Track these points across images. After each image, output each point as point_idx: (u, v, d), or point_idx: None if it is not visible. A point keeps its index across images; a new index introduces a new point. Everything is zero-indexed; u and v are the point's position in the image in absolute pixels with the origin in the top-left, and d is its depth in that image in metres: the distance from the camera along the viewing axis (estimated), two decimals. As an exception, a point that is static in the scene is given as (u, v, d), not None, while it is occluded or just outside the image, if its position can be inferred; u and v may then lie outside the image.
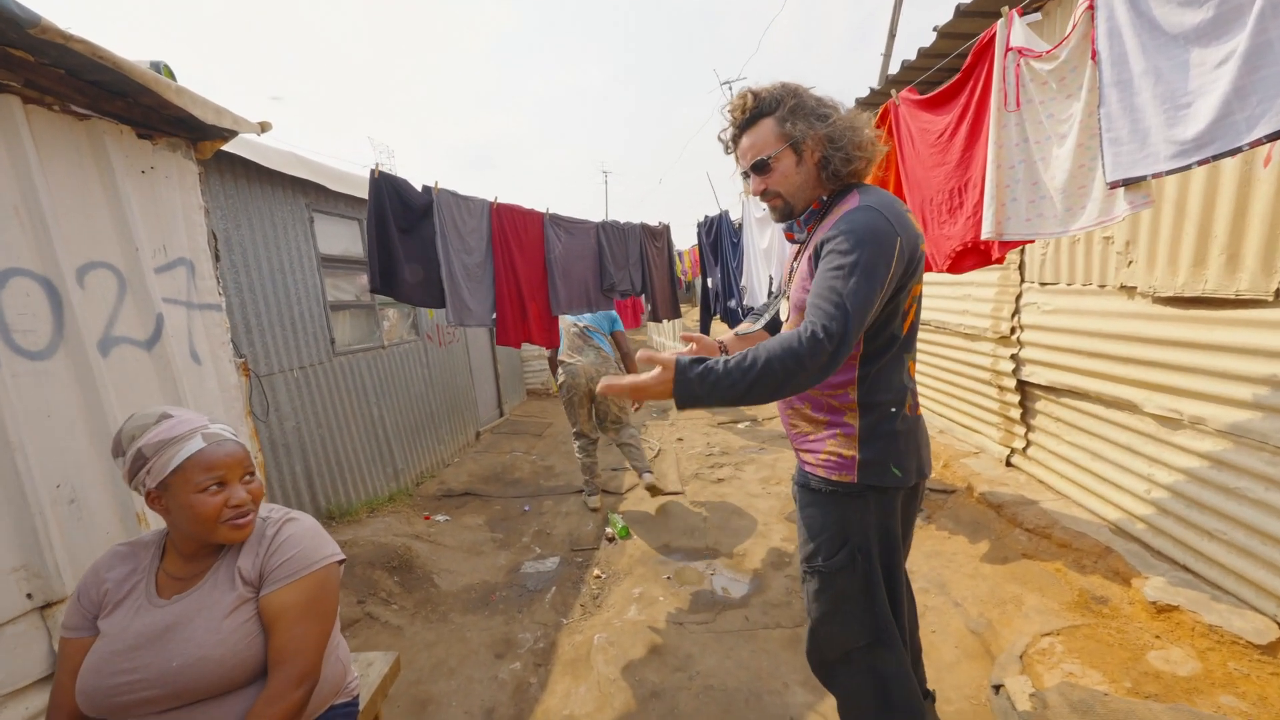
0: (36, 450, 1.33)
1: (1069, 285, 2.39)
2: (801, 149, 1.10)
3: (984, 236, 1.79)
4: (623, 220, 3.66)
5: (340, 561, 1.05)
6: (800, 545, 1.20)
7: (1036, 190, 1.68)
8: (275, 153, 3.01)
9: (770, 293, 3.69)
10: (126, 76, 1.50)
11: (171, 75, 1.72)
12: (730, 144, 1.18)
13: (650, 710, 1.67)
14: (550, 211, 3.16)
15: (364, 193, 3.58)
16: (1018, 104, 1.67)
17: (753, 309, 3.96)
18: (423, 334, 4.61)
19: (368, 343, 3.90)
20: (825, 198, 1.14)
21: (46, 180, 1.43)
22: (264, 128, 1.93)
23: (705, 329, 4.82)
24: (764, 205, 1.31)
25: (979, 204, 1.86)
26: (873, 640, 1.13)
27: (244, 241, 2.85)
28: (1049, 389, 2.54)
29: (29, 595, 1.31)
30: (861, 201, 1.04)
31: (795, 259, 1.24)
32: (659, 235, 4.09)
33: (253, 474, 1.00)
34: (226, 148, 2.64)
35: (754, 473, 3.70)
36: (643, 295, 3.85)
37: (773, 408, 5.48)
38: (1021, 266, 2.67)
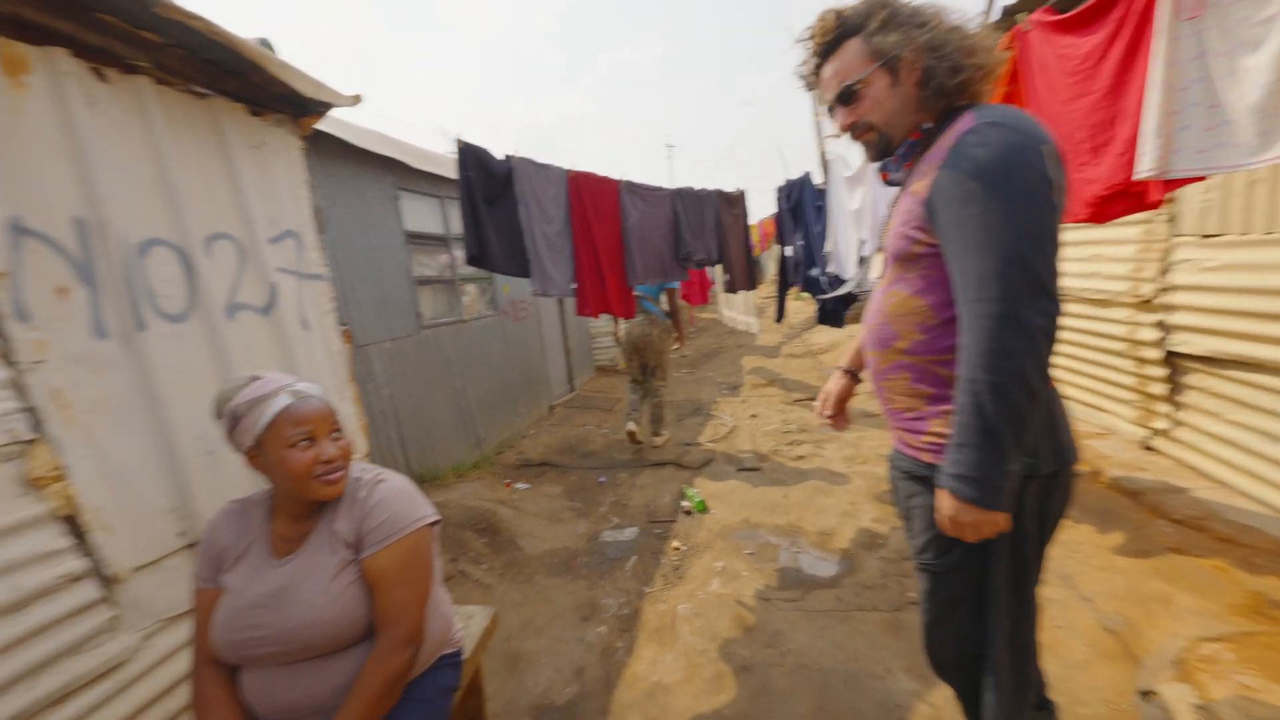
0: (180, 405, 1.46)
1: (1243, 236, 2.01)
2: (897, 66, 0.93)
3: (1141, 175, 1.53)
4: (698, 187, 3.54)
5: (434, 523, 1.06)
6: (909, 536, 1.08)
7: (1216, 115, 1.40)
8: (365, 132, 3.14)
9: (861, 259, 3.45)
10: (239, 54, 1.57)
11: (273, 51, 1.79)
12: (811, 76, 1.02)
13: (742, 684, 1.63)
14: (625, 179, 3.09)
15: (444, 171, 3.67)
16: (1198, 9, 1.39)
17: (839, 277, 3.73)
18: (499, 309, 4.74)
19: (450, 316, 4.05)
20: (928, 125, 0.95)
21: (176, 156, 1.54)
22: (356, 100, 1.98)
23: (782, 301, 4.61)
24: (853, 164, 1.15)
25: (1133, 138, 1.59)
26: (992, 650, 0.98)
27: (339, 219, 3.01)
28: (1208, 360, 2.18)
29: (180, 534, 1.46)
30: (979, 120, 0.85)
31: (894, 205, 1.07)
32: (735, 202, 3.92)
33: (340, 431, 1.02)
34: (321, 127, 2.78)
35: (836, 451, 3.53)
36: (720, 265, 3.72)
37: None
38: (1173, 217, 2.29)
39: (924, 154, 0.95)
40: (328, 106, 1.96)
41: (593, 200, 2.95)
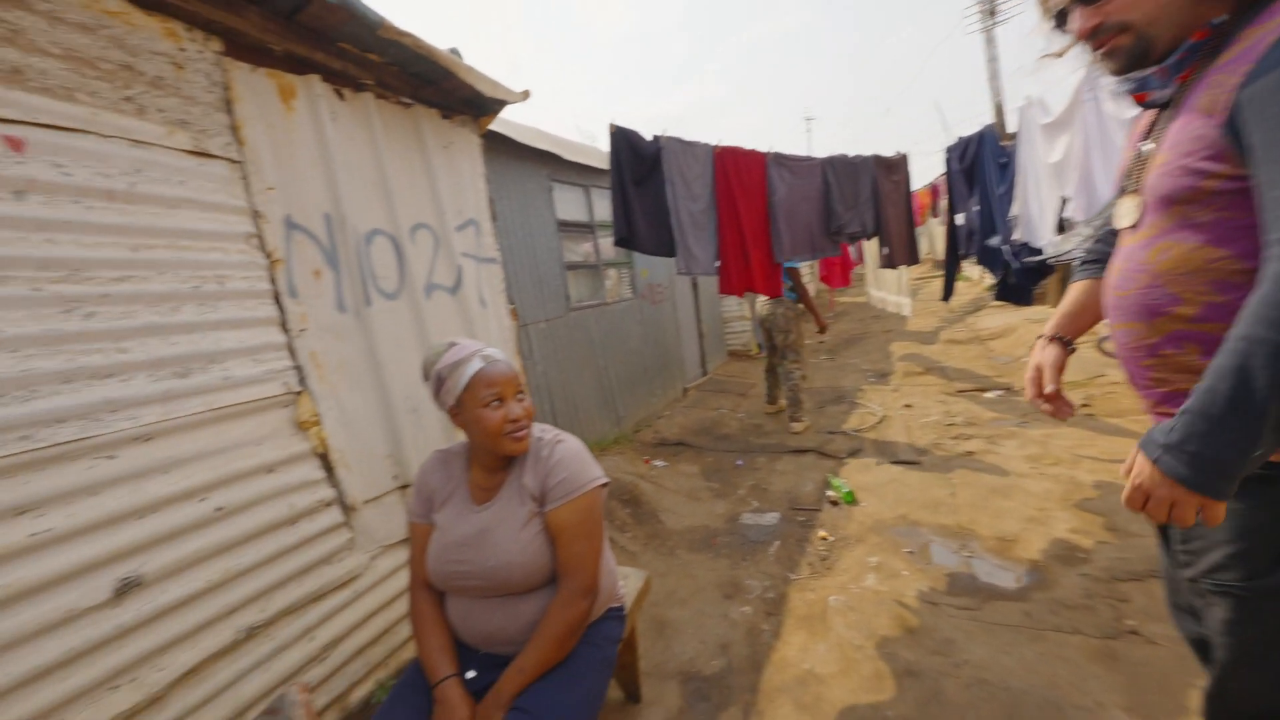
0: (392, 369, 1.74)
1: None
2: None
3: None
4: (852, 154, 3.25)
5: (604, 484, 1.11)
6: (1184, 551, 0.85)
7: None
8: (524, 129, 3.41)
9: (1062, 221, 2.89)
10: (438, 64, 1.79)
11: (461, 59, 2.01)
12: None
13: (906, 688, 1.50)
14: (774, 151, 2.96)
15: (590, 161, 3.85)
16: None
17: (1027, 245, 3.16)
18: (638, 293, 4.87)
19: (594, 300, 4.26)
20: (1220, 19, 0.73)
21: (389, 159, 1.81)
22: (525, 96, 2.15)
23: (951, 277, 4.05)
24: (1053, 108, 0.90)
25: None
26: None
27: (502, 211, 3.32)
28: None
29: (394, 477, 1.74)
30: None
31: (1148, 134, 0.85)
32: (895, 167, 3.53)
33: (524, 394, 1.11)
34: (489, 127, 3.07)
35: (1016, 449, 3.06)
36: (875, 237, 3.41)
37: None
38: None
39: (1213, 59, 0.74)
40: (502, 105, 2.16)
41: (738, 175, 2.87)
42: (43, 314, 1.06)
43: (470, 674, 1.06)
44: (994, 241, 3.37)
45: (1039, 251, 3.00)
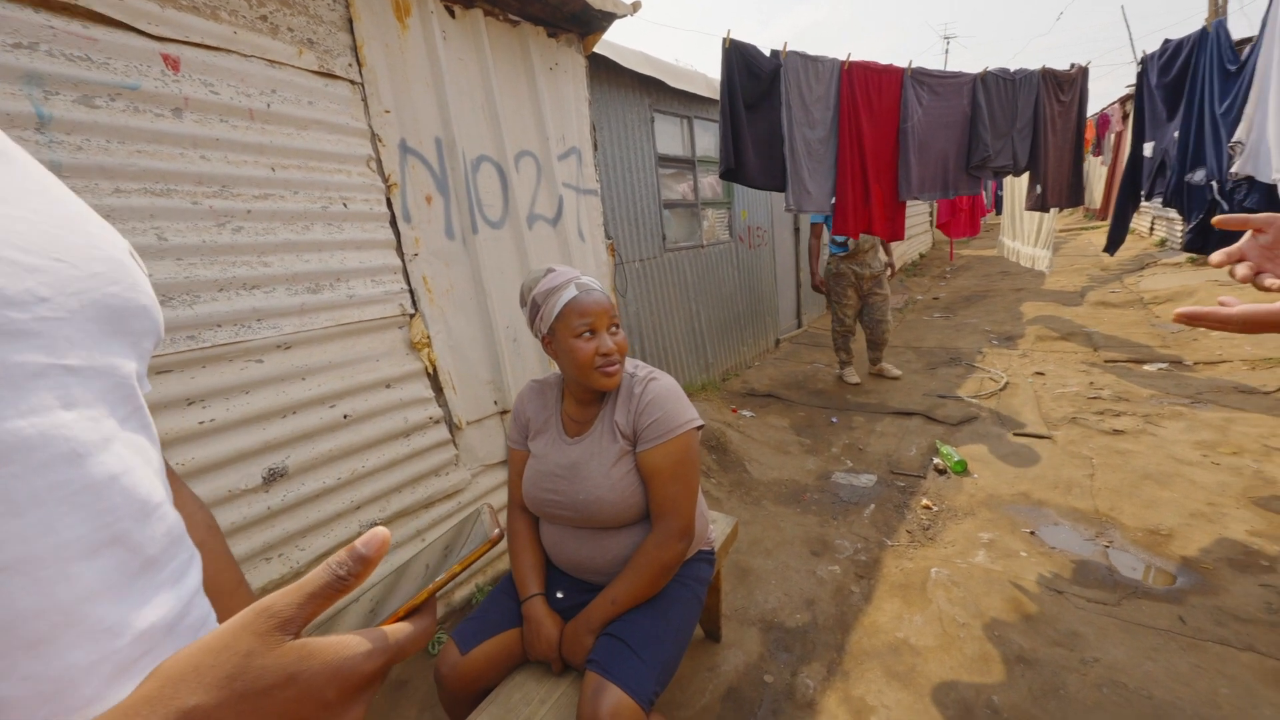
0: (495, 296, 1.78)
1: None
2: None
3: None
4: (1014, 69, 2.71)
5: (698, 427, 1.06)
6: None
7: None
8: (628, 52, 3.23)
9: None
10: (545, -29, 1.69)
11: (569, -32, 1.88)
12: None
13: (1018, 675, 1.38)
14: (914, 66, 2.55)
15: (696, 88, 3.59)
16: None
17: (1251, 180, 2.50)
18: (735, 235, 4.65)
19: (689, 241, 4.12)
20: None
21: (497, 81, 1.77)
22: (636, 8, 1.99)
23: (1123, 222, 3.33)
24: None
25: None
26: None
27: (602, 142, 3.23)
28: None
29: (495, 401, 1.83)
30: None
31: None
32: (1068, 84, 2.92)
33: (618, 327, 1.06)
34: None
35: (1182, 431, 2.60)
36: (1028, 173, 2.90)
37: (1209, 345, 3.71)
38: None
39: None
40: (610, 19, 2.02)
41: (866, 96, 2.53)
42: (200, 226, 1.16)
43: (559, 595, 1.09)
44: (1197, 177, 2.69)
45: (1265, 189, 2.38)
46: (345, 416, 1.42)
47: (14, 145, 0.33)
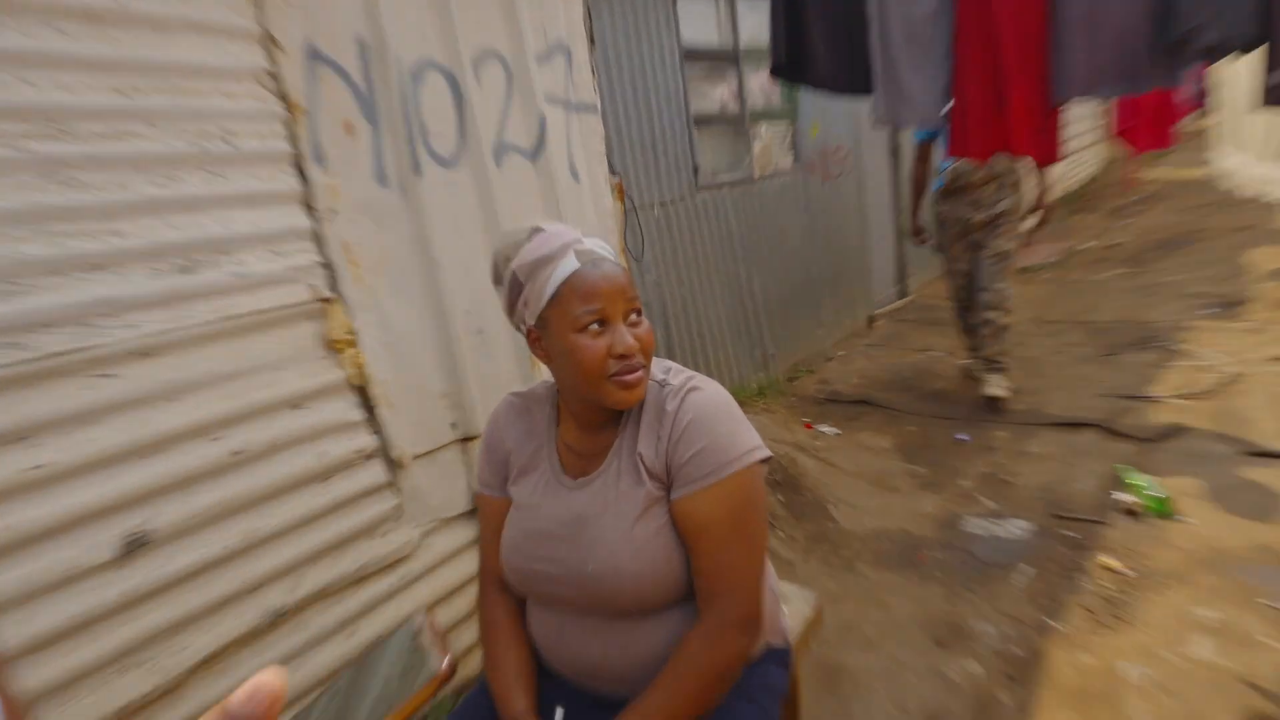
0: (451, 268, 1.80)
1: None
2: None
3: None
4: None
5: (764, 459, 1.06)
6: None
7: None
8: (635, -109, 3.22)
9: None
10: None
11: None
12: None
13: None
14: (1072, -104, 2.50)
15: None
16: None
17: None
18: (802, 161, 4.63)
19: (734, 173, 4.12)
20: None
21: (442, -56, 1.78)
22: None
23: None
24: None
25: None
26: None
27: (601, 33, 3.23)
28: None
29: (453, 424, 1.85)
30: None
31: None
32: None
33: (640, 313, 1.05)
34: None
35: None
36: (1262, 48, 2.82)
37: None
38: None
39: None
40: None
41: (1001, -54, 2.49)
42: (22, 181, 1.19)
43: (559, 713, 1.11)
44: None
45: None
46: (235, 453, 1.45)
47: None
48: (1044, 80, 2.65)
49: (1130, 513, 2.56)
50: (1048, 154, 2.82)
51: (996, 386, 3.65)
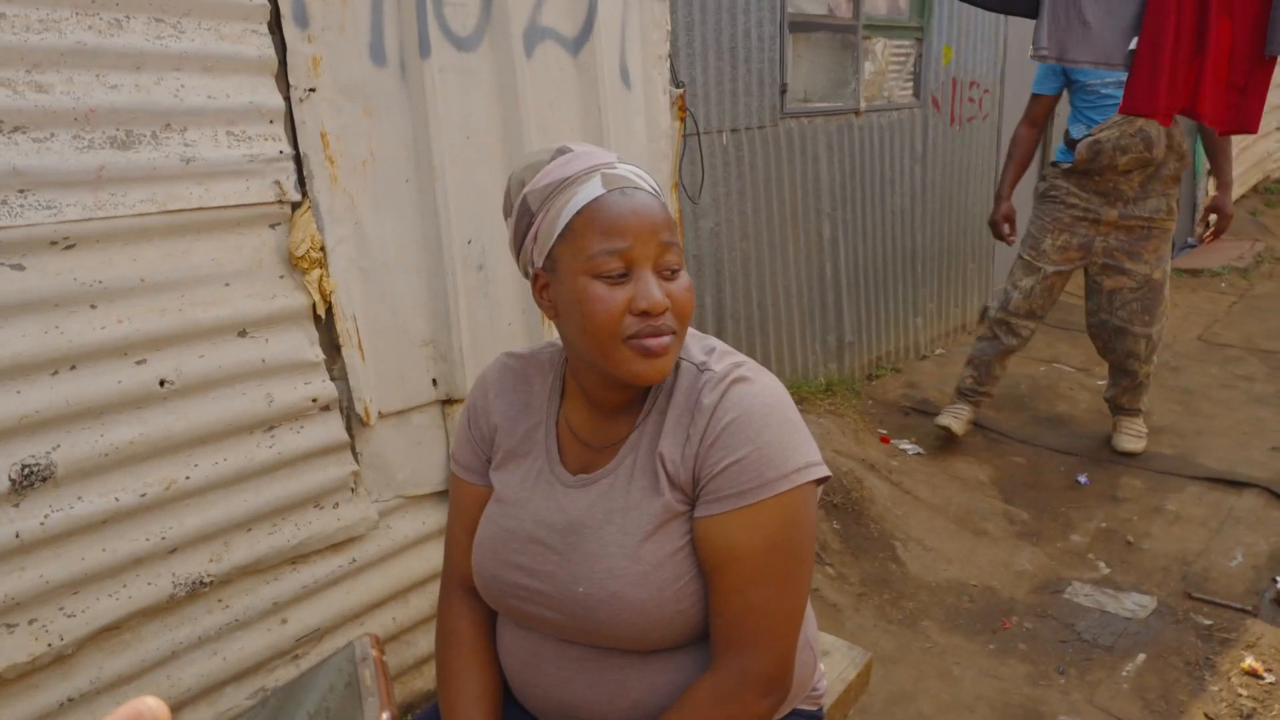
0: (455, 181, 1.80)
1: None
2: None
3: None
4: None
5: (820, 480, 1.04)
6: None
7: None
8: None
9: None
10: None
11: None
12: None
13: None
14: None
15: None
16: None
17: None
18: (926, 95, 4.55)
19: (834, 100, 4.05)
20: None
21: None
22: None
23: None
24: None
25: None
26: None
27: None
28: None
29: (434, 381, 1.87)
30: None
31: None
32: None
33: (679, 261, 1.03)
34: None
35: None
36: None
37: None
38: None
39: None
40: None
41: None
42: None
43: None
44: None
45: None
46: (163, 383, 1.47)
47: None
48: (1258, 21, 2.55)
49: (1290, 604, 2.53)
50: (1243, 120, 2.73)
51: (1134, 438, 3.60)
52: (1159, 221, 3.35)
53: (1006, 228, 3.62)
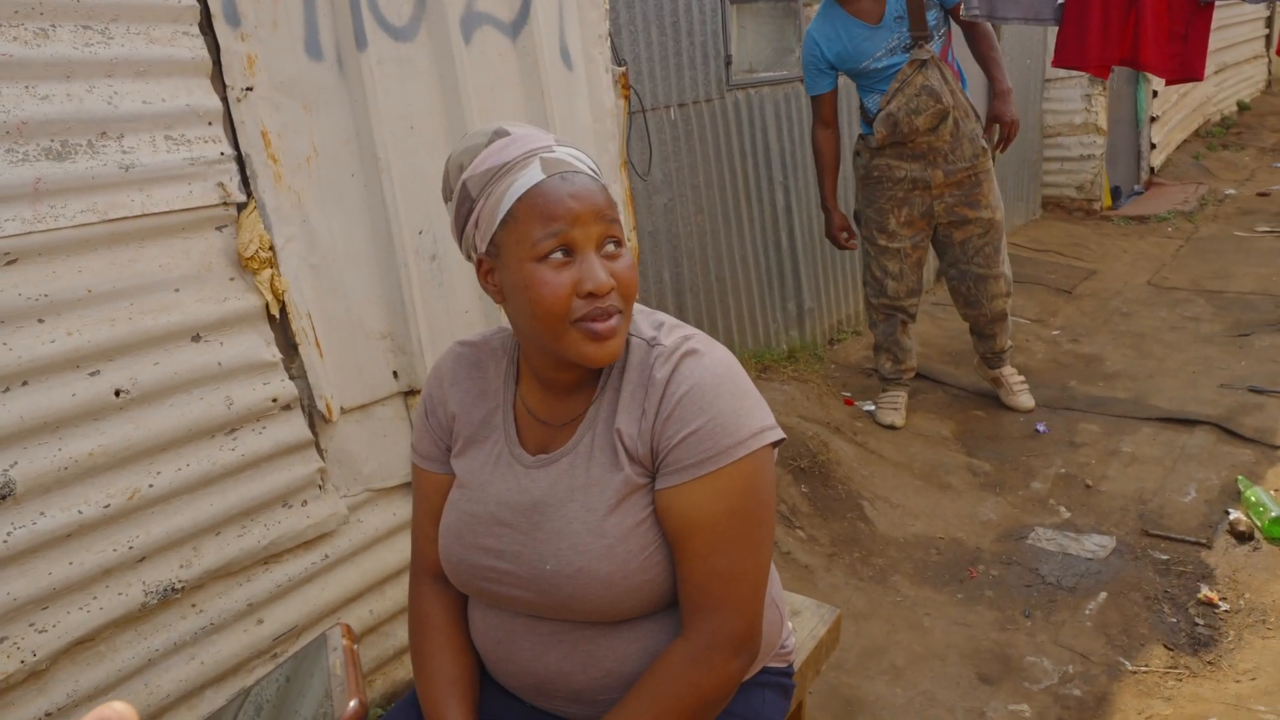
0: (400, 172, 1.79)
1: None
2: None
3: None
4: None
5: (776, 442, 1.07)
6: None
7: None
8: None
9: None
10: None
11: None
12: None
13: None
14: None
15: None
16: None
17: None
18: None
19: (779, 69, 4.05)
20: None
21: None
22: None
23: None
24: None
25: None
26: None
27: None
28: None
29: (395, 373, 1.86)
30: None
31: None
32: None
33: (619, 241, 1.04)
34: None
35: None
36: None
37: None
38: None
39: None
40: None
41: None
42: None
43: None
44: None
45: None
46: (119, 393, 1.46)
47: None
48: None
49: (1242, 535, 2.59)
50: (1188, 68, 2.78)
51: (1024, 391, 3.68)
52: (980, 165, 3.35)
53: (844, 235, 3.57)
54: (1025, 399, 3.64)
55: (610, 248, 1.03)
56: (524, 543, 1.09)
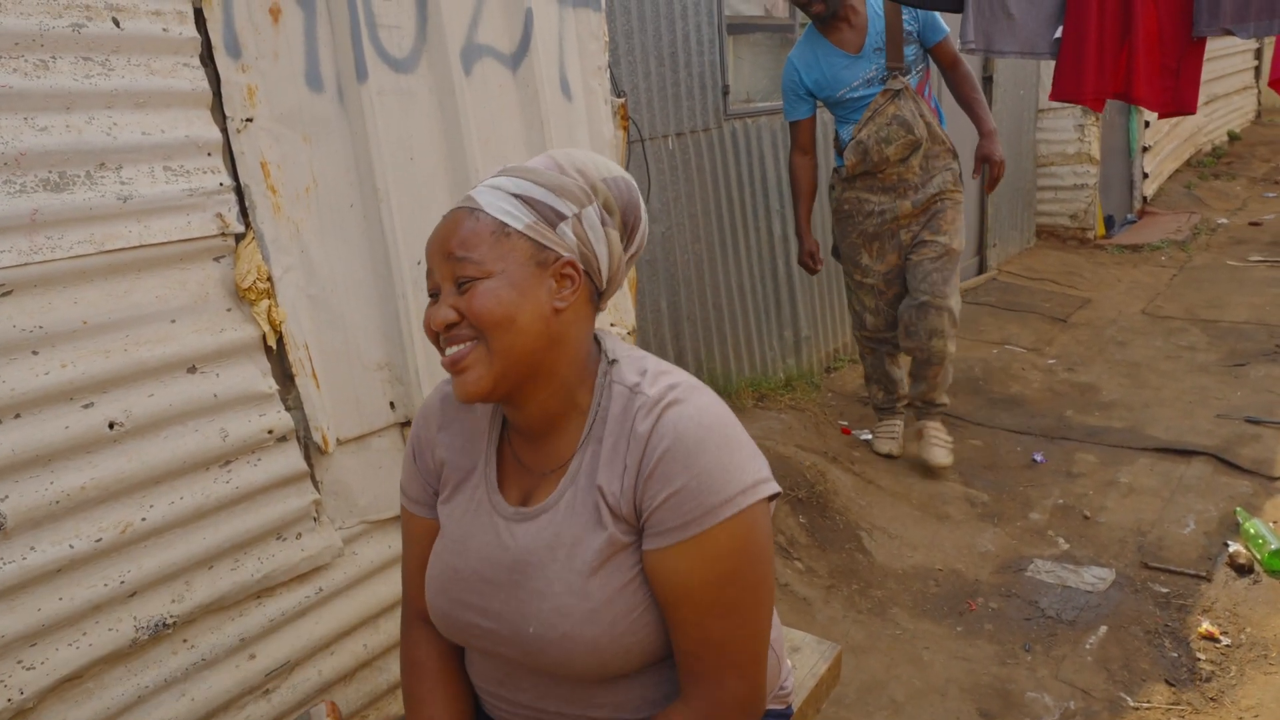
0: (399, 202, 1.79)
1: None
2: None
3: None
4: None
5: (771, 497, 1.02)
6: None
7: None
8: None
9: None
10: None
11: None
12: None
13: None
14: None
15: None
16: None
17: None
18: (866, 89, 4.59)
19: (776, 99, 4.07)
20: None
21: None
22: None
23: None
24: None
25: None
26: None
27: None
28: None
29: (392, 404, 1.85)
30: None
31: None
32: None
33: (476, 273, 0.97)
34: None
35: None
36: None
37: None
38: None
39: None
40: None
41: None
42: None
43: None
44: None
45: None
46: (113, 425, 1.44)
47: None
48: (1184, 4, 2.61)
49: (1241, 568, 2.58)
50: (1180, 101, 2.79)
51: (942, 446, 3.40)
52: (949, 193, 3.35)
53: (811, 260, 3.58)
54: (940, 455, 3.37)
55: (463, 279, 0.99)
56: (505, 602, 1.06)
